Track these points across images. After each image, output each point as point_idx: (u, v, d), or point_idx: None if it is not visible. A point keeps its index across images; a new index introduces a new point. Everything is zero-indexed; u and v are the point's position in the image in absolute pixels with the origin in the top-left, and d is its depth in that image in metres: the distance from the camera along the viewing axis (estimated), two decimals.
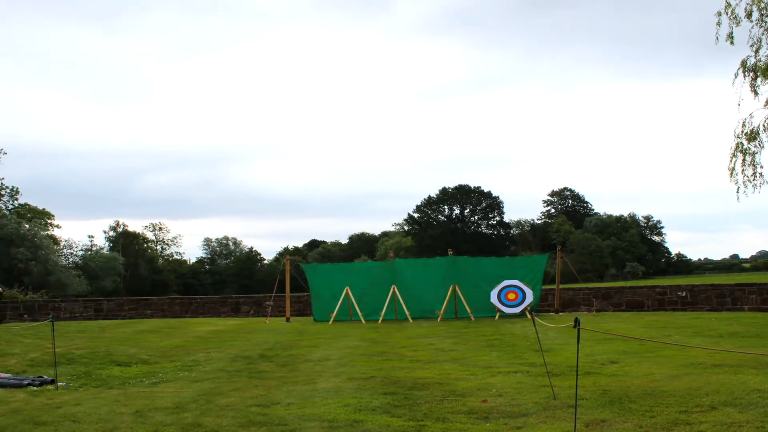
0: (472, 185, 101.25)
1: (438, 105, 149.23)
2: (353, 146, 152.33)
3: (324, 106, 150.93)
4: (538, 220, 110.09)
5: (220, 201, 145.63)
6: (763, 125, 16.08)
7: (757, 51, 15.74)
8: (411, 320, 17.55)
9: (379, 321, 17.64)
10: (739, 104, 16.24)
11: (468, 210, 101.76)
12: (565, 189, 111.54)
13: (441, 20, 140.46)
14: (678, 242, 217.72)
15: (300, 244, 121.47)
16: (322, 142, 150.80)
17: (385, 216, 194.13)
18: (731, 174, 16.46)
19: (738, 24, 15.85)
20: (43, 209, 71.17)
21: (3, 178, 61.94)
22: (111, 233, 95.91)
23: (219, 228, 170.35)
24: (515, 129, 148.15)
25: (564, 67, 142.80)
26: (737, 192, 16.46)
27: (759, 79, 15.79)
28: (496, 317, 17.42)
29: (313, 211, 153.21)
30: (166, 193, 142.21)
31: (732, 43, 15.94)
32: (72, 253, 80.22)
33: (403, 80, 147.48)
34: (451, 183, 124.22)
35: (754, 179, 16.29)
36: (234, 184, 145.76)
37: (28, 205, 68.90)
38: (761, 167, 16.31)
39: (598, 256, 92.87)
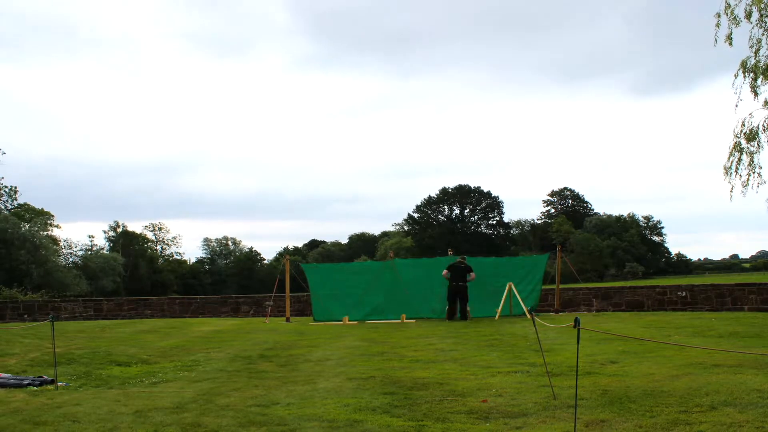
0: (472, 185, 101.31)
1: (438, 106, 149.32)
2: (352, 146, 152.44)
3: (323, 108, 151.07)
4: (538, 220, 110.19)
5: (220, 201, 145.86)
6: (763, 125, 16.06)
7: (756, 52, 15.71)
8: (411, 320, 17.54)
9: (379, 321, 17.63)
10: (736, 105, 16.21)
11: (468, 210, 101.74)
12: (565, 189, 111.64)
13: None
14: (678, 242, 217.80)
15: (300, 244, 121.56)
16: (323, 143, 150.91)
17: (386, 216, 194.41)
18: (726, 173, 16.44)
19: (737, 25, 15.81)
20: (42, 209, 71.14)
21: (2, 178, 61.99)
22: (111, 233, 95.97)
23: (219, 228, 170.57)
24: (515, 129, 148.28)
25: (569, 66, 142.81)
26: (731, 191, 16.43)
27: (759, 80, 15.76)
28: (496, 317, 17.42)
29: (313, 211, 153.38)
30: (166, 195, 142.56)
31: (731, 44, 15.90)
32: (72, 254, 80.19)
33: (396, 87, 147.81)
34: (451, 183, 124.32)
35: (754, 179, 16.26)
36: (233, 185, 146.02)
37: (28, 204, 68.85)
38: (760, 167, 16.28)
39: (598, 256, 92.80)
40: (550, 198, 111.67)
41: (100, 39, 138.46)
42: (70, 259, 77.50)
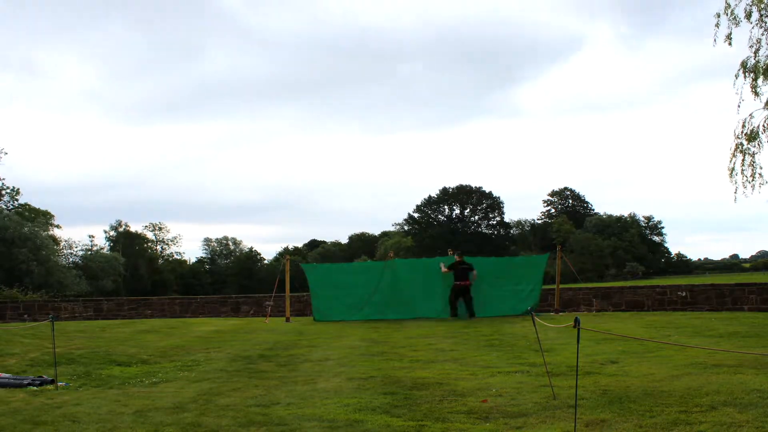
0: (472, 185, 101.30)
1: (440, 108, 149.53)
2: (352, 146, 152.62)
3: (325, 107, 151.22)
4: (538, 220, 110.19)
5: (222, 201, 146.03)
6: (763, 126, 16.07)
7: (756, 52, 15.73)
8: (411, 320, 17.52)
9: (379, 321, 17.62)
10: (739, 105, 16.23)
11: (468, 210, 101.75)
12: (565, 189, 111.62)
13: None
14: (678, 242, 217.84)
15: (300, 244, 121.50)
16: (323, 143, 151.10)
17: (386, 216, 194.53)
18: (731, 174, 16.47)
19: (737, 25, 15.84)
20: (44, 210, 71.19)
21: (4, 179, 62.06)
22: (111, 233, 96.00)
23: (220, 229, 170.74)
24: (515, 128, 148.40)
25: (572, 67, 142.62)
26: (735, 192, 16.48)
27: (759, 80, 15.78)
28: (496, 317, 17.41)
29: (313, 210, 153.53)
30: (167, 196, 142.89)
31: (730, 44, 15.93)
32: (72, 253, 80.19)
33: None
34: (452, 183, 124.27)
35: (753, 180, 16.28)
36: (234, 184, 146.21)
37: (29, 205, 68.90)
38: (761, 168, 16.31)
39: (598, 256, 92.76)
40: (550, 198, 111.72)
41: None
42: (71, 259, 77.52)
